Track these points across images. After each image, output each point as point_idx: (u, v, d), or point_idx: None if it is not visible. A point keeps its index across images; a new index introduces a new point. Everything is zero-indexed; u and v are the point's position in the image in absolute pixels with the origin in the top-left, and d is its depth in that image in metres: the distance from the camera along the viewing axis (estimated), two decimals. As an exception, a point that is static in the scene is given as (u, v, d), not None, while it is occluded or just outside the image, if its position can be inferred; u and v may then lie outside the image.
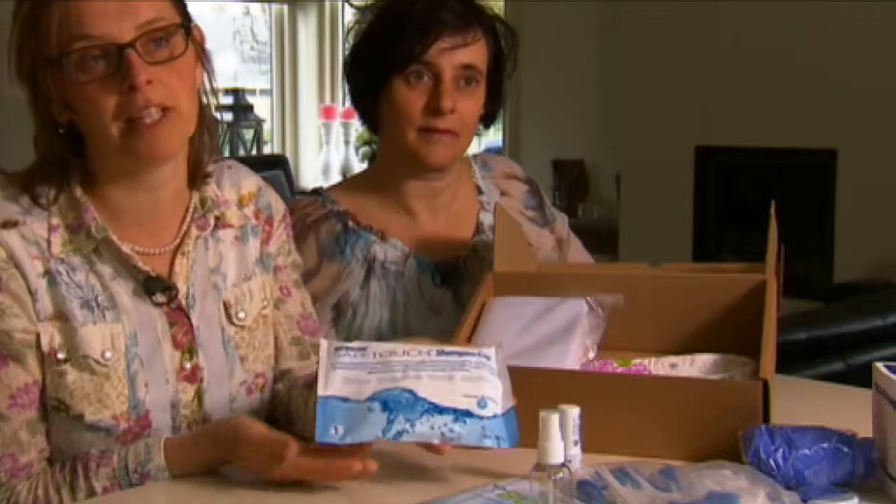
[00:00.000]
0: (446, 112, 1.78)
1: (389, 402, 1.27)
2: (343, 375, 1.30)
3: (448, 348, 1.35)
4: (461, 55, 1.80)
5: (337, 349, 1.33)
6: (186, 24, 1.40)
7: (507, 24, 1.92)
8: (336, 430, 1.26)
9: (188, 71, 1.39)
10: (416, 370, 1.30)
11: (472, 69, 1.81)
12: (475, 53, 1.82)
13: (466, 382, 1.30)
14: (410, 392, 1.28)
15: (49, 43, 1.32)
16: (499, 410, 1.29)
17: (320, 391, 1.30)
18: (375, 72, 1.83)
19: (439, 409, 1.27)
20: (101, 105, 1.33)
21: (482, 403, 1.28)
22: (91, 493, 1.33)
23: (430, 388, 1.28)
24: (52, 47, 1.32)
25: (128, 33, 1.32)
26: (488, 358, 1.34)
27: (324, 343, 1.34)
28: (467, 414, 1.27)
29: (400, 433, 1.26)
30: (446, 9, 1.79)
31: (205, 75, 1.45)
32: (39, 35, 1.33)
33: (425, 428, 1.26)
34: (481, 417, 1.28)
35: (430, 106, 1.79)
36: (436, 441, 1.28)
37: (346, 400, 1.28)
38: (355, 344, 1.35)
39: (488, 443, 1.27)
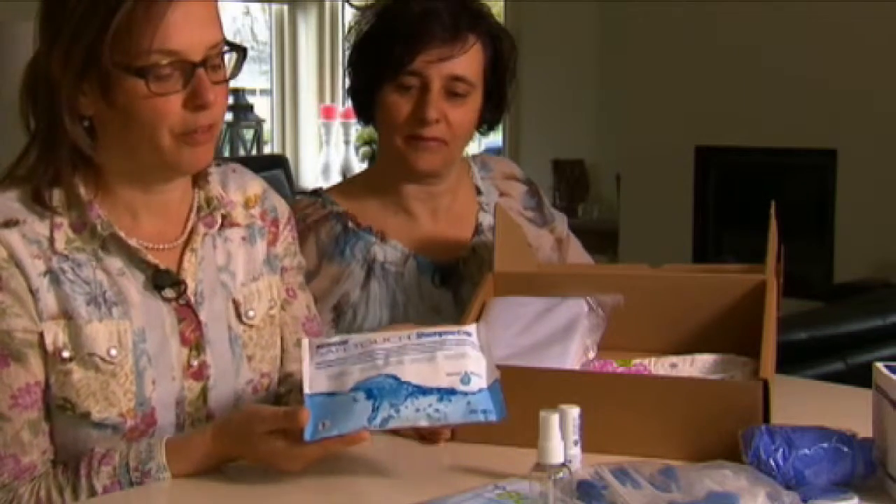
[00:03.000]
0: (431, 122, 1.78)
1: (373, 390, 1.28)
2: (327, 373, 1.31)
3: (427, 330, 1.35)
4: (450, 66, 1.79)
5: (318, 346, 1.34)
6: (243, 49, 1.43)
7: (506, 31, 1.90)
8: (323, 425, 1.27)
9: (228, 91, 1.43)
10: (397, 355, 1.31)
11: (462, 80, 1.80)
12: (466, 64, 1.80)
13: (449, 360, 1.31)
14: (394, 377, 1.29)
15: (137, 54, 1.32)
16: (483, 384, 1.30)
17: (305, 390, 1.31)
18: (369, 76, 1.84)
19: (423, 391, 1.28)
20: (163, 116, 1.34)
21: (465, 379, 1.29)
22: (92, 492, 1.33)
23: (413, 371, 1.29)
24: (138, 58, 1.32)
25: (199, 52, 1.35)
26: (469, 334, 1.35)
27: (305, 342, 1.35)
28: (451, 392, 1.28)
29: (386, 420, 1.27)
30: (436, 19, 1.78)
31: None
32: (128, 43, 1.32)
33: (410, 411, 1.27)
34: (466, 393, 1.29)
35: (416, 115, 1.79)
36: (423, 423, 1.28)
37: (331, 394, 1.29)
38: (336, 338, 1.36)
39: (475, 418, 1.28)
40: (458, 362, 1.31)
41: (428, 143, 1.80)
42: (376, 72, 1.82)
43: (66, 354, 1.36)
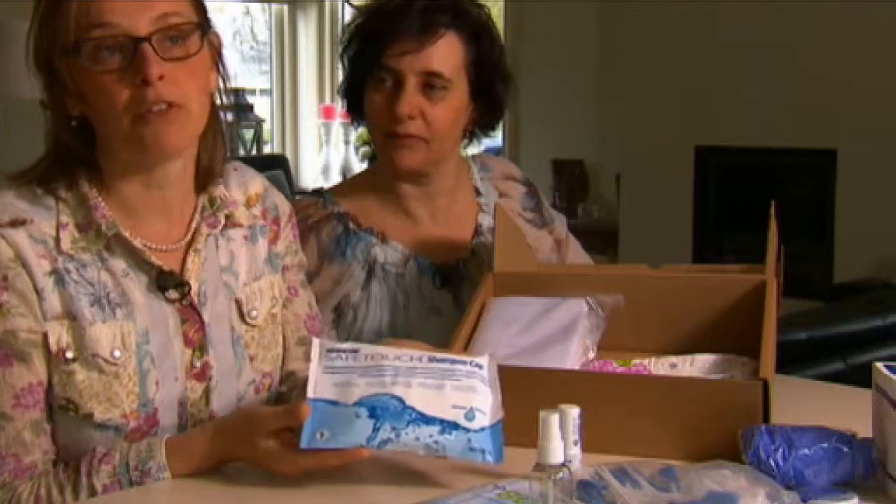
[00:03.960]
0: (403, 118, 1.78)
1: (377, 409, 1.27)
2: (333, 380, 1.30)
3: (440, 355, 1.35)
4: (422, 61, 1.78)
5: (329, 351, 1.33)
6: (205, 25, 1.40)
7: (490, 30, 1.88)
8: (321, 434, 1.27)
9: (201, 71, 1.39)
10: (406, 376, 1.29)
11: (438, 76, 1.79)
12: (440, 59, 1.79)
13: (456, 392, 1.30)
14: (399, 399, 1.28)
15: (67, 31, 1.32)
16: (486, 423, 1.29)
17: (309, 393, 1.30)
18: (354, 75, 1.85)
19: (426, 420, 1.27)
20: (114, 96, 1.33)
21: (470, 416, 1.29)
22: (92, 491, 1.33)
23: (418, 396, 1.28)
24: (69, 35, 1.32)
25: (145, 27, 1.33)
26: (480, 367, 1.34)
27: (316, 343, 1.34)
28: (454, 426, 1.28)
29: (385, 442, 1.26)
30: (407, 14, 1.78)
31: (219, 80, 1.45)
32: (59, 23, 1.33)
33: (410, 438, 1.26)
34: (468, 430, 1.28)
35: (390, 111, 1.79)
36: (421, 452, 1.27)
37: (334, 403, 1.28)
38: (347, 346, 1.35)
39: (473, 456, 1.27)
40: (466, 395, 1.30)
41: (405, 139, 1.79)
42: (358, 70, 1.83)
43: (69, 355, 1.35)
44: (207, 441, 1.35)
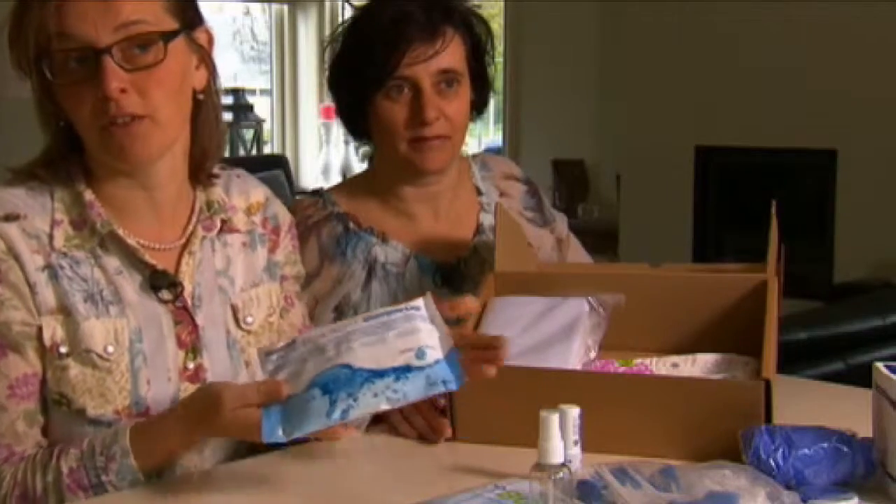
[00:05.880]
0: (431, 121, 1.78)
1: (329, 384, 1.25)
2: (282, 377, 1.28)
3: (374, 312, 1.33)
4: (435, 62, 1.78)
5: (267, 354, 1.31)
6: (181, 28, 1.38)
7: (478, 15, 1.90)
8: (283, 431, 1.24)
9: (170, 78, 1.36)
10: (347, 342, 1.28)
11: (450, 72, 1.80)
12: (450, 57, 1.80)
13: (400, 338, 1.28)
14: (347, 366, 1.26)
15: (30, 44, 1.32)
16: (440, 355, 1.28)
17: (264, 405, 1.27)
18: (357, 91, 1.83)
19: (378, 374, 1.25)
20: (79, 108, 1.33)
21: (420, 354, 1.27)
22: (57, 472, 1.31)
23: (364, 355, 1.27)
24: (32, 48, 1.32)
25: (106, 37, 1.31)
26: (417, 309, 1.33)
27: (254, 353, 1.34)
28: (407, 369, 1.26)
29: (346, 411, 1.24)
30: (411, 20, 1.78)
31: (210, 77, 1.45)
32: (24, 34, 1.33)
33: (369, 398, 1.25)
34: (423, 368, 1.27)
35: (415, 118, 1.78)
36: (384, 406, 1.26)
37: (288, 398, 1.26)
38: (282, 343, 1.33)
39: (435, 390, 1.26)
40: (410, 338, 1.28)
41: (432, 142, 1.80)
42: (362, 85, 1.81)
43: (63, 350, 1.36)
44: (172, 423, 1.33)
